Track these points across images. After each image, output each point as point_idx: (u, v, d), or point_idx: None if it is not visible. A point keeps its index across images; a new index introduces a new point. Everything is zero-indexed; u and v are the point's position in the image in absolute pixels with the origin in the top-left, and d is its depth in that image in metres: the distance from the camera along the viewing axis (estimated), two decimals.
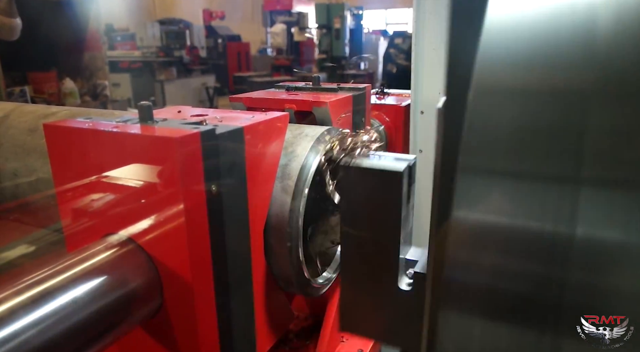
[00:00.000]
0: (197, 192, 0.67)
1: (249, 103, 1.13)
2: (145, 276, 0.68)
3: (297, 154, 0.87)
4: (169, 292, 0.70)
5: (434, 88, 1.54)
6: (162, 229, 0.67)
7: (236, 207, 0.76)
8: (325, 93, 1.18)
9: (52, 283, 0.59)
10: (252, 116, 0.83)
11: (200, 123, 0.73)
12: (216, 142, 0.69)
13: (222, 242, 0.73)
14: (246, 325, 0.83)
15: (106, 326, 0.63)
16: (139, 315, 0.69)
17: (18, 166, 1.14)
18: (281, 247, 0.85)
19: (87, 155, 0.71)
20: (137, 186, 0.67)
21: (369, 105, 1.30)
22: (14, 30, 3.98)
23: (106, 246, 0.67)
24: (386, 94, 1.98)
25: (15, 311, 0.53)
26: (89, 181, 0.71)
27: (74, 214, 0.74)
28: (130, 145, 0.67)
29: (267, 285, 0.89)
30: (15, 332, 0.52)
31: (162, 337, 0.74)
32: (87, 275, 0.62)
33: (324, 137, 0.92)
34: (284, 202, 0.84)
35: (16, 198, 1.12)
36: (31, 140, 1.14)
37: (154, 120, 0.73)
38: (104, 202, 0.71)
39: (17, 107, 1.28)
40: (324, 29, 10.48)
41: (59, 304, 0.57)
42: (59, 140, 0.74)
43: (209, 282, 0.72)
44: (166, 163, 0.64)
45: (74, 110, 1.25)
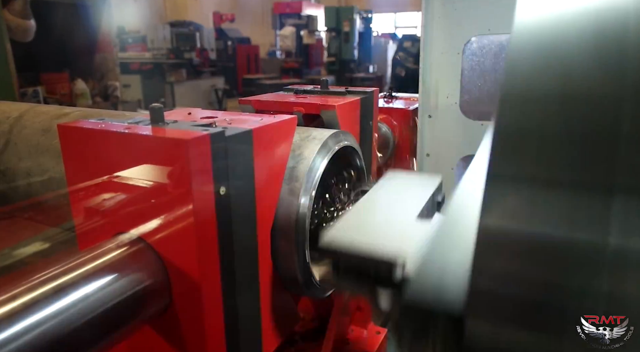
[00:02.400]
0: (206, 193, 0.68)
1: (258, 106, 1.14)
2: (155, 275, 0.70)
3: (305, 157, 0.88)
4: (178, 291, 0.71)
5: (442, 92, 1.55)
6: (171, 229, 0.69)
7: (244, 208, 0.77)
8: (334, 96, 1.19)
9: (64, 280, 0.60)
10: (261, 119, 0.84)
11: (210, 125, 0.74)
12: (225, 144, 0.70)
13: (230, 243, 0.74)
14: (252, 325, 0.84)
15: (116, 323, 0.65)
16: (148, 313, 0.70)
17: (31, 165, 1.16)
18: (288, 249, 0.86)
19: (99, 155, 0.73)
20: (148, 186, 0.69)
21: (376, 109, 1.31)
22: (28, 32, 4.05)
23: (117, 245, 0.69)
24: (394, 97, 1.99)
25: (28, 306, 0.55)
26: (101, 181, 0.72)
27: (86, 213, 0.76)
28: (142, 147, 0.69)
29: (274, 286, 0.90)
30: (28, 326, 0.53)
31: (170, 336, 0.75)
32: (98, 273, 0.64)
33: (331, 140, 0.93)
34: (291, 204, 0.85)
35: (29, 197, 1.15)
36: (45, 140, 1.16)
37: (165, 122, 0.74)
38: (115, 201, 0.72)
39: (32, 108, 1.31)
40: (333, 32, 10.51)
41: (71, 300, 0.59)
42: (72, 141, 0.76)
43: (216, 282, 0.73)
44: (176, 164, 0.65)
45: (87, 111, 1.28)
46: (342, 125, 1.08)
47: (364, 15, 10.95)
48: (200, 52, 10.48)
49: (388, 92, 2.03)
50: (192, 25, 10.90)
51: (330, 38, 10.63)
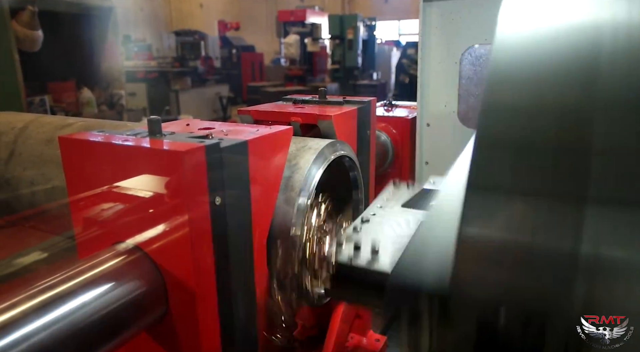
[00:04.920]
0: (202, 203, 0.70)
1: (257, 116, 1.16)
2: (151, 283, 0.71)
3: (300, 167, 0.90)
4: (174, 300, 0.73)
5: (440, 101, 1.56)
6: (167, 239, 0.70)
7: (239, 217, 0.78)
8: (331, 106, 1.21)
9: (62, 288, 0.62)
10: (257, 130, 0.86)
11: (206, 137, 0.76)
12: (221, 155, 0.72)
13: (226, 252, 0.75)
14: (248, 333, 0.85)
15: (113, 330, 0.66)
16: (145, 321, 0.72)
17: (35, 175, 1.19)
18: (283, 256, 0.88)
19: (98, 166, 0.75)
20: (145, 196, 0.71)
21: (374, 118, 1.32)
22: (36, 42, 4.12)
23: (114, 254, 0.71)
24: (394, 106, 2.01)
25: (27, 314, 0.57)
26: (100, 191, 0.74)
27: (85, 223, 0.78)
28: (139, 158, 0.71)
29: (270, 294, 0.91)
30: (27, 334, 0.55)
31: (166, 344, 0.77)
32: (95, 281, 0.65)
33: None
34: (286, 213, 0.87)
35: (32, 206, 1.17)
36: (48, 151, 1.19)
37: (162, 134, 0.76)
38: (114, 211, 0.74)
39: (36, 119, 1.34)
40: (337, 39, 10.55)
41: (69, 308, 0.60)
42: (72, 152, 0.78)
43: (212, 290, 0.74)
44: (172, 175, 0.67)
45: (89, 121, 1.30)
46: (339, 134, 1.09)
47: (367, 22, 11.00)
48: (205, 60, 10.57)
49: (389, 101, 2.05)
50: (197, 34, 11.01)
51: (334, 45, 10.68)
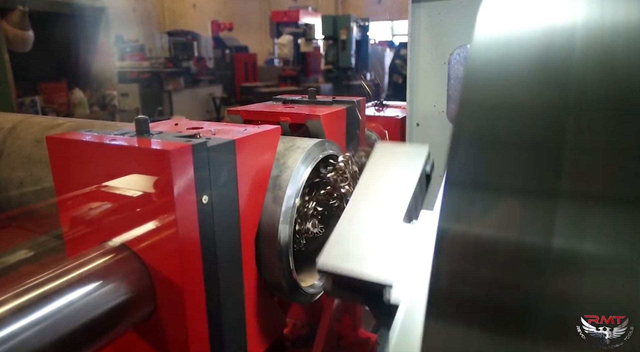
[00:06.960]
0: (189, 202, 0.70)
1: (246, 115, 1.17)
2: (139, 282, 0.72)
3: (288, 166, 0.91)
4: (162, 298, 0.73)
5: (429, 101, 1.58)
6: (155, 237, 0.71)
7: (227, 216, 0.79)
8: (320, 106, 1.22)
9: (49, 287, 0.62)
10: (245, 129, 0.87)
11: (194, 136, 0.76)
12: (208, 154, 0.72)
13: (213, 250, 0.76)
14: (237, 331, 0.86)
15: (101, 329, 0.67)
16: (133, 319, 0.72)
17: (24, 175, 1.18)
18: (272, 255, 0.88)
19: (86, 166, 0.75)
20: (132, 195, 0.71)
21: (363, 118, 1.33)
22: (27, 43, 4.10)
23: (102, 252, 0.71)
24: (385, 106, 2.02)
25: (14, 312, 0.57)
26: (88, 190, 0.74)
27: (73, 222, 0.78)
28: (126, 157, 0.71)
29: (259, 292, 0.91)
30: (13, 332, 0.55)
31: (154, 342, 0.77)
32: (83, 280, 0.66)
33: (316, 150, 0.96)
34: (274, 212, 0.88)
35: (21, 206, 1.17)
36: (37, 151, 1.19)
37: (150, 133, 0.76)
38: (101, 210, 0.74)
39: (25, 119, 1.34)
40: (331, 40, 10.56)
41: (56, 306, 0.61)
42: (60, 152, 0.78)
43: (200, 288, 0.75)
44: (159, 174, 0.68)
45: (79, 122, 1.30)
46: (327, 134, 1.10)
47: (360, 23, 11.01)
48: (198, 60, 10.54)
49: (379, 101, 2.07)
50: (190, 34, 10.97)
51: (328, 46, 10.69)
